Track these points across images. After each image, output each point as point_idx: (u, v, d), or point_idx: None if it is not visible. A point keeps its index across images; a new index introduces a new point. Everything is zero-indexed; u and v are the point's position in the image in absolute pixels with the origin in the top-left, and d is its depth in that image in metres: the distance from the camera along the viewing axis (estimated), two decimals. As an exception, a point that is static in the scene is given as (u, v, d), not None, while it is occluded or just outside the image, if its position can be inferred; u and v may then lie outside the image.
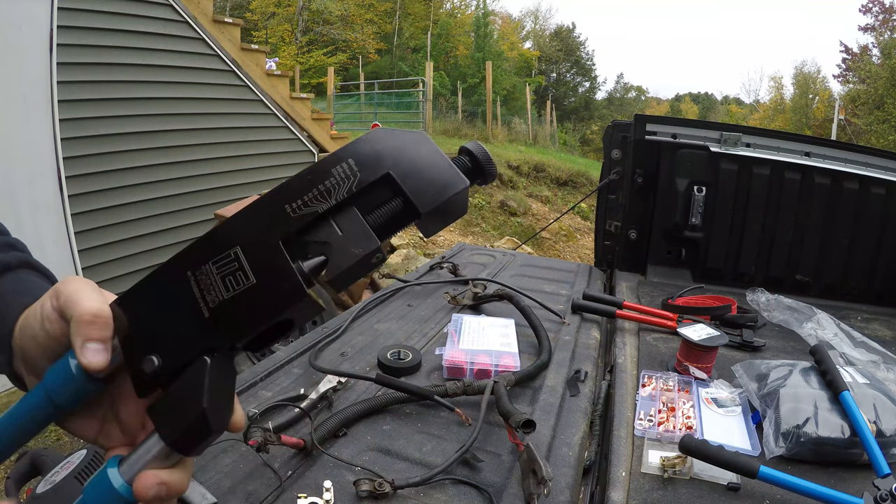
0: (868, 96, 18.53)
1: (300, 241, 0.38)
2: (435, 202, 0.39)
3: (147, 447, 0.39)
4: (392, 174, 0.39)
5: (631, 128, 2.20)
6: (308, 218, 0.38)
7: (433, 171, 0.40)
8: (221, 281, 0.38)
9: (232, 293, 0.37)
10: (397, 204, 0.39)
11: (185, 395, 0.37)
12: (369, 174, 0.39)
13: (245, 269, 0.37)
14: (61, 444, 2.97)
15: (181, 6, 4.31)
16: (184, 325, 0.38)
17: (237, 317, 0.37)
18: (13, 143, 3.25)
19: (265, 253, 0.37)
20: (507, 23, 33.24)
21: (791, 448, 0.96)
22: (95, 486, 0.39)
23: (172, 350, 0.38)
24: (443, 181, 0.39)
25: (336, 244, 0.38)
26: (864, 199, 1.99)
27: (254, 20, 21.97)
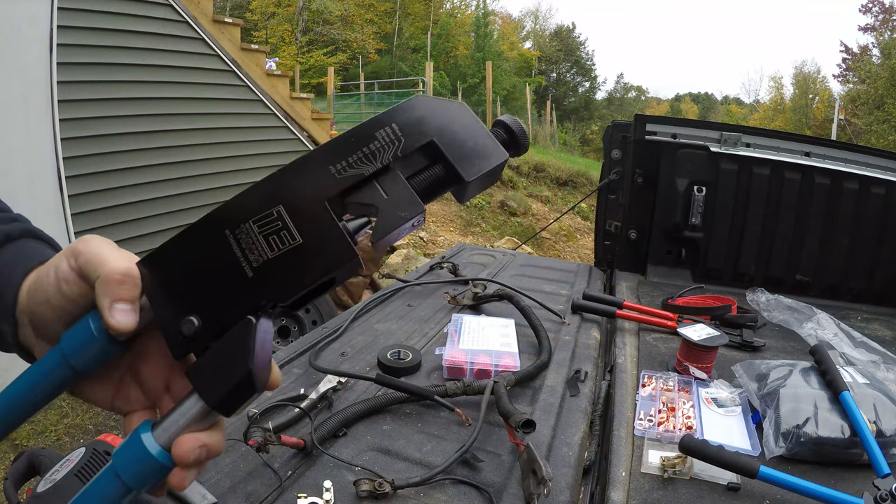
0: (868, 96, 18.53)
1: (343, 202, 0.38)
2: (479, 172, 0.40)
3: (184, 409, 0.38)
4: (436, 141, 0.40)
5: (631, 128, 2.20)
6: (353, 179, 0.38)
7: (475, 140, 0.41)
8: (265, 240, 0.37)
9: (277, 252, 0.37)
10: (439, 170, 0.40)
11: (230, 355, 0.36)
12: (414, 140, 0.39)
13: (290, 229, 0.37)
14: (61, 445, 2.97)
15: (181, 6, 4.31)
16: (225, 285, 0.37)
17: (284, 276, 0.36)
18: (13, 143, 3.25)
19: (310, 212, 0.37)
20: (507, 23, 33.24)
21: (791, 448, 0.96)
22: (128, 452, 0.38)
23: (214, 311, 0.37)
24: (484, 151, 0.41)
25: (382, 206, 0.38)
26: (864, 199, 1.99)
27: (254, 20, 21.96)
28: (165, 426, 0.38)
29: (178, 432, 0.38)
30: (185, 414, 0.38)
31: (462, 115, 0.42)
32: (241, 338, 0.36)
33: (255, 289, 0.37)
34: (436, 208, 7.75)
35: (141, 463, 0.37)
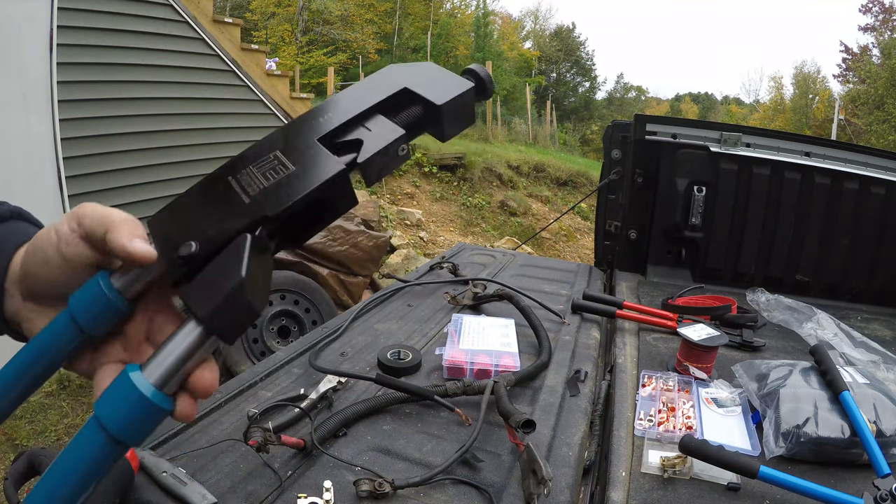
0: (868, 96, 18.52)
1: (333, 143, 0.42)
2: (448, 97, 0.44)
3: (177, 341, 0.36)
4: (408, 87, 0.45)
5: (631, 128, 2.20)
6: (339, 121, 0.43)
7: (442, 81, 0.47)
8: (262, 175, 0.40)
9: (272, 181, 0.39)
10: (416, 109, 0.45)
11: (223, 268, 0.36)
12: (389, 89, 0.45)
13: (285, 163, 0.40)
14: (60, 445, 2.97)
15: (181, 6, 4.30)
16: (223, 212, 0.39)
17: (277, 194, 0.38)
18: (13, 143, 3.25)
19: (303, 148, 0.41)
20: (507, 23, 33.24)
21: (791, 448, 0.96)
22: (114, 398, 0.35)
23: (210, 232, 0.38)
24: (451, 85, 0.46)
25: (366, 138, 0.42)
26: (864, 199, 1.99)
27: (254, 20, 21.96)
28: (156, 363, 0.36)
29: (174, 368, 0.36)
30: (179, 345, 0.36)
31: (430, 68, 0.49)
32: (233, 252, 0.36)
33: (250, 208, 0.38)
34: (436, 208, 7.76)
35: (132, 407, 0.34)
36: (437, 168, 8.27)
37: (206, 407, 1.08)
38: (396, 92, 0.45)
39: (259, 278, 0.37)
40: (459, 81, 0.47)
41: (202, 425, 1.03)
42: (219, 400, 1.11)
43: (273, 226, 0.38)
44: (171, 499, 0.82)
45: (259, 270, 0.37)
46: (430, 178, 8.22)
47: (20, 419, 3.08)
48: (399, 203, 7.40)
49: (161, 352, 0.36)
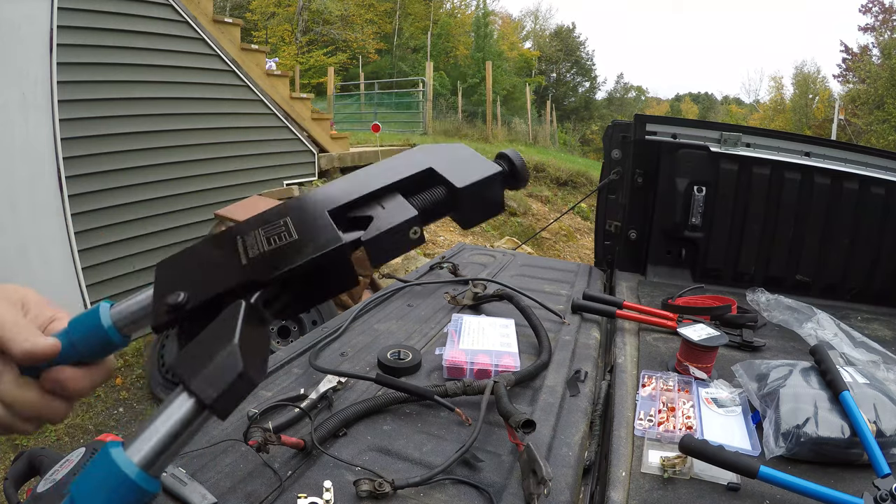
0: (868, 96, 18.53)
1: (346, 217, 0.41)
2: (469, 180, 0.42)
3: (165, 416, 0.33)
4: (434, 167, 0.44)
5: (631, 128, 2.20)
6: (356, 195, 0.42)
7: (470, 163, 0.45)
8: (266, 240, 0.39)
9: (273, 246, 0.39)
10: (439, 191, 0.43)
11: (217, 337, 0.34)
12: (414, 167, 0.44)
13: (290, 230, 0.40)
14: (61, 445, 2.97)
15: (181, 6, 4.31)
16: (218, 270, 0.39)
17: (273, 261, 0.38)
18: (13, 143, 3.25)
19: (311, 218, 0.40)
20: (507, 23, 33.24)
21: (791, 448, 0.96)
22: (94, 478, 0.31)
23: (201, 286, 0.37)
24: (478, 169, 0.44)
25: (378, 216, 0.41)
26: (864, 199, 1.99)
27: (254, 20, 21.96)
28: (142, 439, 0.32)
29: (162, 446, 0.33)
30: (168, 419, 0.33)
31: (461, 150, 0.46)
32: (228, 318, 0.35)
33: (244, 270, 0.38)
34: (436, 208, 7.75)
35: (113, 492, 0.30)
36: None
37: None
38: (420, 171, 0.43)
39: (255, 346, 0.35)
40: (487, 165, 0.45)
41: (202, 425, 1.03)
42: (219, 400, 1.10)
43: (267, 293, 0.37)
44: (171, 499, 0.82)
45: (254, 339, 0.35)
46: (430, 178, 8.21)
47: (20, 419, 3.07)
48: (399, 203, 7.39)
49: (147, 428, 0.32)
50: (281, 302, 0.39)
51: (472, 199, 0.42)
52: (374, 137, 7.92)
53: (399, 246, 0.40)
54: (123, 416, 3.30)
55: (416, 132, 11.00)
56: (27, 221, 3.35)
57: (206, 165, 4.64)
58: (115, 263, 3.92)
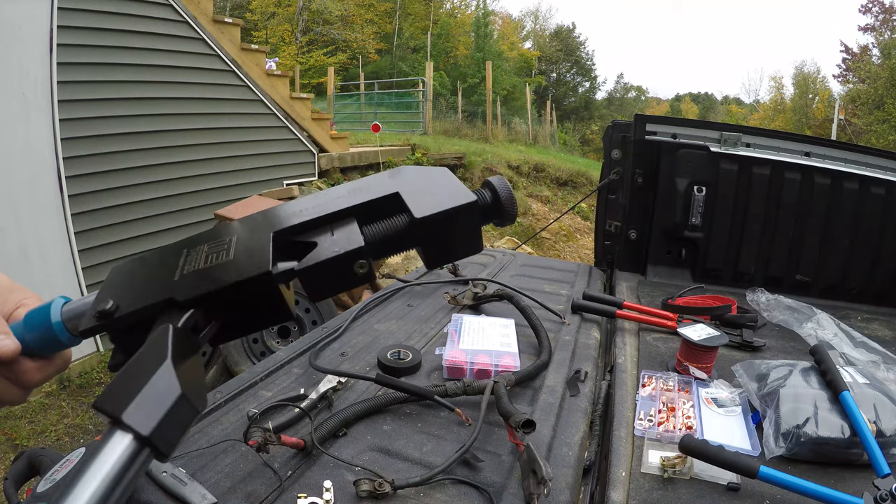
0: (868, 96, 18.53)
1: (291, 241, 0.38)
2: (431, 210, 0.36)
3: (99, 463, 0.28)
4: (400, 193, 0.38)
5: (631, 128, 2.20)
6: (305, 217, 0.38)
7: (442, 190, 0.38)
8: (205, 257, 0.38)
9: (208, 265, 0.37)
10: (400, 220, 0.38)
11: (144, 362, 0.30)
12: (377, 192, 0.38)
13: (229, 250, 0.38)
14: (61, 445, 2.97)
15: (181, 6, 4.31)
16: (151, 283, 0.38)
17: (198, 281, 0.36)
18: (13, 143, 3.25)
19: (254, 240, 0.38)
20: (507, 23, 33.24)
21: (791, 448, 0.96)
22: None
23: (129, 296, 0.37)
24: (448, 196, 0.37)
25: (323, 243, 0.36)
26: (864, 199, 1.99)
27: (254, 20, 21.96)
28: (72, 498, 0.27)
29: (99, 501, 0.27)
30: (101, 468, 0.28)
31: (440, 174, 0.40)
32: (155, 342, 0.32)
33: (171, 286, 0.36)
34: (436, 208, 7.75)
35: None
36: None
37: (206, 407, 1.08)
38: (383, 196, 0.38)
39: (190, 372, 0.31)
40: (461, 194, 0.38)
41: (202, 425, 1.03)
42: (219, 400, 1.11)
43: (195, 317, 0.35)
44: (171, 499, 0.82)
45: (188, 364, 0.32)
46: (430, 178, 8.21)
47: (20, 419, 3.08)
48: (399, 203, 7.39)
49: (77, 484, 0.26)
50: (210, 328, 0.36)
51: (436, 232, 0.36)
52: (374, 137, 7.92)
53: (341, 281, 0.36)
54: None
55: (416, 132, 11.00)
56: (27, 221, 3.35)
57: (206, 165, 4.64)
58: (115, 263, 3.92)
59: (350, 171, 6.63)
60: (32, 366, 0.42)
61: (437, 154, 8.30)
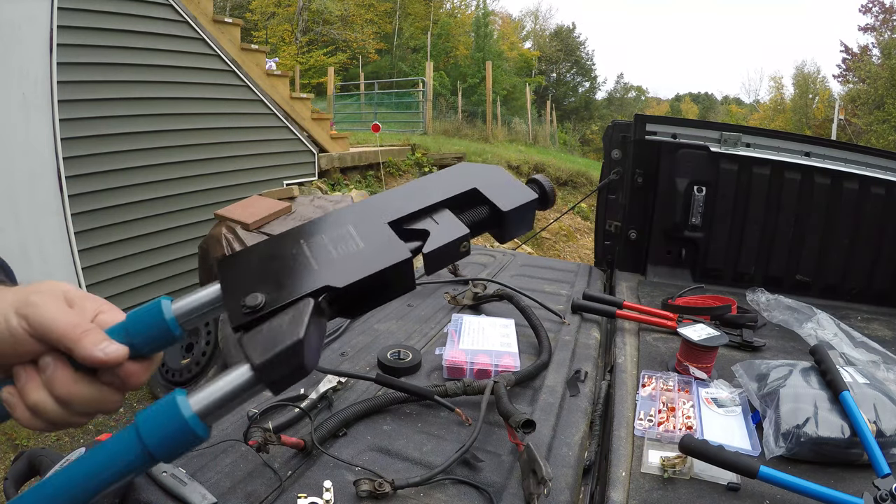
0: (868, 96, 18.52)
1: (402, 229, 0.45)
2: (513, 204, 0.48)
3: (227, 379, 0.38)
4: (478, 188, 0.49)
5: (631, 128, 2.20)
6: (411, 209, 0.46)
7: (510, 187, 0.50)
8: (333, 246, 0.43)
9: (342, 253, 0.43)
10: (483, 210, 0.49)
11: (284, 326, 0.38)
12: (460, 187, 0.49)
13: (355, 238, 0.43)
14: (61, 445, 2.97)
15: (181, 6, 4.31)
16: (293, 272, 0.42)
17: (345, 268, 0.41)
18: (13, 143, 3.25)
19: (374, 229, 0.44)
20: (507, 23, 33.24)
21: (791, 448, 0.96)
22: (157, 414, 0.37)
23: (278, 290, 0.41)
24: (518, 193, 0.50)
25: (433, 230, 0.45)
26: (864, 199, 1.99)
27: (254, 20, 21.96)
28: (205, 393, 0.38)
29: (218, 402, 0.37)
30: (229, 383, 0.38)
31: (500, 173, 0.52)
32: (296, 312, 0.39)
33: (319, 275, 0.41)
34: (436, 208, 7.76)
35: (170, 427, 0.36)
36: (437, 168, 8.25)
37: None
38: (466, 191, 0.49)
39: (314, 340, 0.40)
40: (525, 191, 0.50)
41: (202, 425, 1.03)
42: (219, 400, 1.10)
43: (334, 295, 0.41)
44: (171, 499, 0.82)
45: (315, 333, 0.40)
46: (430, 178, 8.21)
47: (20, 419, 3.08)
48: (399, 203, 7.40)
49: (211, 384, 0.38)
50: (343, 303, 0.42)
51: (514, 220, 0.48)
52: (375, 137, 7.92)
53: (451, 258, 0.46)
54: (123, 416, 3.30)
55: (416, 132, 11.00)
56: (27, 221, 3.35)
57: (206, 165, 4.63)
58: (115, 263, 3.92)
59: (350, 171, 6.63)
60: (138, 367, 0.43)
61: (437, 154, 8.30)
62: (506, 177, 0.51)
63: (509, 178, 0.51)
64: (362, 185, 6.69)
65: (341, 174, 6.40)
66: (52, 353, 0.41)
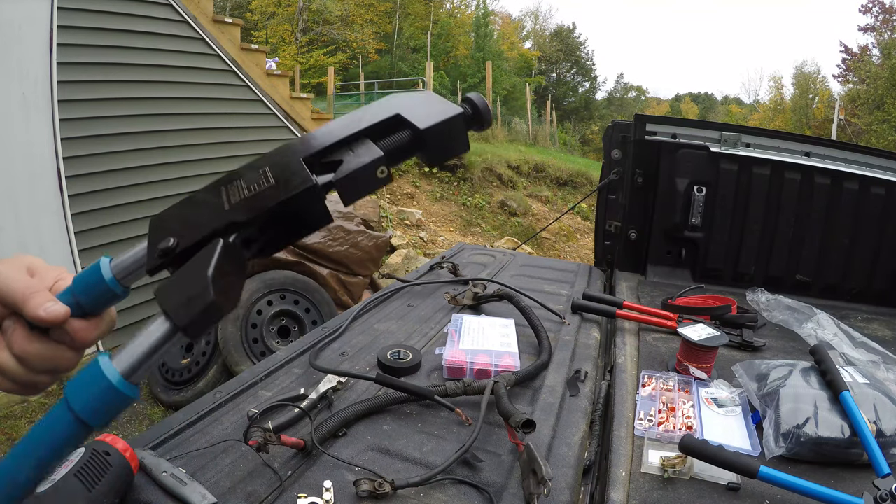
0: (868, 96, 18.52)
1: (319, 163, 0.45)
2: (433, 121, 0.46)
3: (146, 335, 0.38)
4: (401, 113, 0.47)
5: (631, 128, 2.20)
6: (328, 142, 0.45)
7: (435, 107, 0.48)
8: (246, 186, 0.43)
9: (253, 192, 0.43)
10: (404, 134, 0.47)
11: (194, 270, 0.39)
12: (381, 115, 0.47)
13: (268, 176, 0.43)
14: (61, 444, 2.97)
15: (181, 6, 4.31)
16: (204, 215, 0.43)
17: (251, 203, 0.42)
18: (13, 143, 3.25)
19: (287, 165, 0.44)
20: (507, 23, 33.24)
21: (791, 448, 0.96)
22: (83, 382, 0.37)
23: (187, 231, 0.42)
24: (441, 111, 0.47)
25: (347, 159, 0.44)
26: (864, 199, 1.99)
27: (254, 20, 21.95)
28: (126, 353, 0.38)
29: (141, 359, 0.38)
30: (148, 338, 0.38)
31: (429, 97, 0.50)
32: (206, 254, 0.39)
33: (226, 214, 0.42)
34: (436, 208, 7.76)
35: (98, 393, 0.37)
36: (437, 168, 8.28)
37: (206, 407, 1.08)
38: (388, 118, 0.47)
39: (229, 280, 0.39)
40: (450, 108, 0.48)
41: (202, 425, 1.03)
42: (219, 400, 1.11)
43: (246, 232, 0.41)
44: (171, 499, 0.82)
45: (230, 273, 0.39)
46: (430, 178, 8.22)
47: (20, 419, 3.08)
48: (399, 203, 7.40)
49: (131, 343, 0.38)
50: (259, 242, 0.43)
51: (435, 139, 0.46)
52: (374, 137, 7.90)
53: (368, 185, 0.44)
54: (123, 416, 3.30)
55: (416, 132, 10.98)
56: (27, 221, 3.35)
57: (206, 165, 4.63)
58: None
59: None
60: (85, 324, 0.46)
61: (437, 154, 8.29)
62: (433, 98, 0.50)
63: (437, 99, 0.49)
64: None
65: (341, 174, 6.40)
66: (13, 317, 0.45)
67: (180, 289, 0.38)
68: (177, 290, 0.38)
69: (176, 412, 1.07)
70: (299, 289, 3.42)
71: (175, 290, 0.38)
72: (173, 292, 0.38)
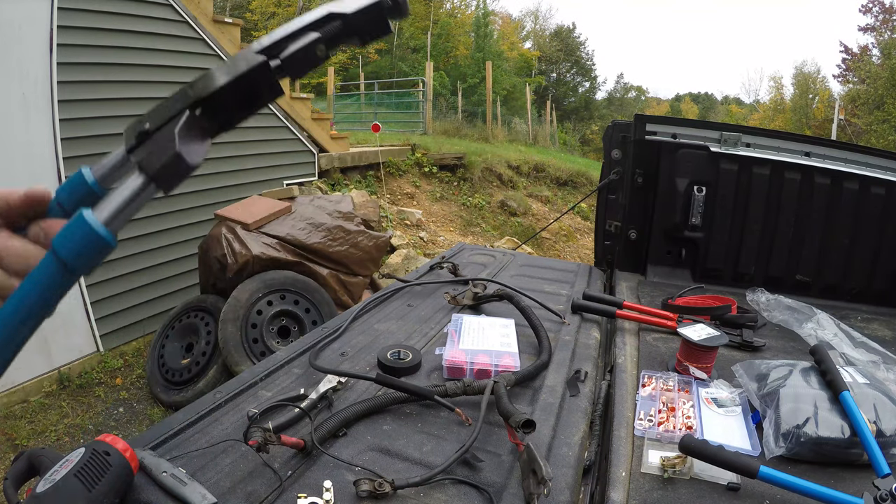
0: (868, 96, 18.52)
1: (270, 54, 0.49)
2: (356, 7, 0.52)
3: (123, 188, 0.44)
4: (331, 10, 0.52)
5: (631, 128, 2.20)
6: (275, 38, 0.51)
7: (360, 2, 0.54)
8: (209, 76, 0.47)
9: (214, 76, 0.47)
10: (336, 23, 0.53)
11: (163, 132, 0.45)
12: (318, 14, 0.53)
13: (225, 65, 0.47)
14: (61, 445, 2.97)
15: (181, 6, 4.31)
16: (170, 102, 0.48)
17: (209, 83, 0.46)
18: (13, 143, 3.25)
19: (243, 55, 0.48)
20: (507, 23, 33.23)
21: (791, 448, 0.96)
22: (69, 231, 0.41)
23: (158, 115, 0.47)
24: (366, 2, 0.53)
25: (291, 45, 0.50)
26: (864, 199, 1.99)
27: (254, 20, 21.97)
28: (106, 204, 0.43)
29: (119, 208, 0.43)
30: (125, 190, 0.44)
31: None
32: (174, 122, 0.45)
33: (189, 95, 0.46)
34: (436, 208, 7.76)
35: (82, 239, 0.41)
36: (437, 168, 8.27)
37: (206, 407, 1.08)
38: (324, 15, 0.53)
39: (194, 138, 0.45)
40: None
41: (202, 425, 1.03)
42: (219, 400, 1.11)
43: (207, 107, 0.47)
44: (171, 499, 0.82)
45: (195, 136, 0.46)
46: (430, 178, 8.22)
47: (20, 419, 3.08)
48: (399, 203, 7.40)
49: (110, 196, 0.44)
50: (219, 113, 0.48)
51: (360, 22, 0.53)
52: (374, 137, 7.91)
53: (310, 62, 0.51)
54: (123, 416, 3.30)
55: (416, 132, 10.99)
56: (27, 221, 3.35)
57: (206, 165, 4.62)
58: (115, 264, 3.92)
59: (350, 171, 6.63)
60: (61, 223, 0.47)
61: (437, 154, 8.30)
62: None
63: None
64: (362, 185, 6.69)
65: (341, 174, 6.40)
66: None
67: (152, 147, 0.45)
68: (149, 148, 0.45)
69: (176, 412, 1.07)
70: (299, 289, 3.42)
71: (147, 148, 0.45)
72: (146, 150, 0.45)
